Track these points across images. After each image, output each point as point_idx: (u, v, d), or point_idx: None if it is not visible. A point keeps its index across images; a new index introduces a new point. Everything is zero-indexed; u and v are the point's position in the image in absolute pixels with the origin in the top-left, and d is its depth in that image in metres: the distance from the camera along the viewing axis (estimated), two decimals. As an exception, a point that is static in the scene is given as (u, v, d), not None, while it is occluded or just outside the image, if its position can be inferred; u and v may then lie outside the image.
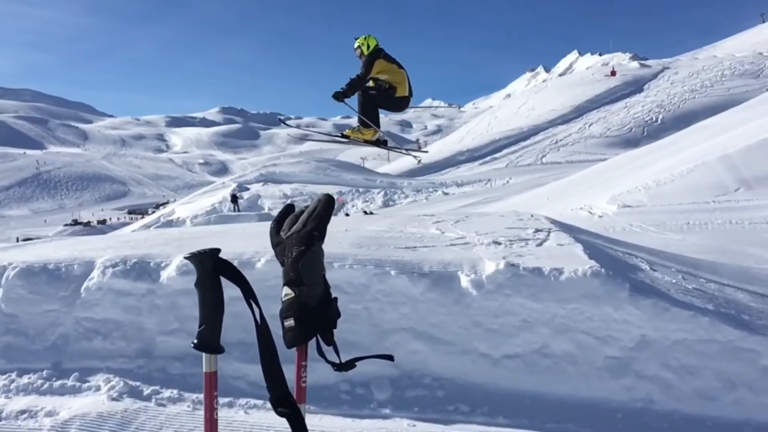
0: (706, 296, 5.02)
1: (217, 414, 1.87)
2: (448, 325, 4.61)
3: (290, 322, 1.71)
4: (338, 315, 1.80)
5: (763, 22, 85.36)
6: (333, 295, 1.86)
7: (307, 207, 1.77)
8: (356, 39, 8.36)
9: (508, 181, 47.09)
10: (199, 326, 1.73)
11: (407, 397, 4.37)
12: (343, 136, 8.40)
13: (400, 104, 8.17)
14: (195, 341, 1.77)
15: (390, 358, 1.83)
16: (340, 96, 7.76)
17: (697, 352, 4.14)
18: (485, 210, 23.08)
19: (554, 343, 4.39)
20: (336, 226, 7.86)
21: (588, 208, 18.14)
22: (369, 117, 8.01)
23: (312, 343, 1.87)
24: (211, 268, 1.70)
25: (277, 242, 1.77)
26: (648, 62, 79.95)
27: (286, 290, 1.75)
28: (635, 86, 74.43)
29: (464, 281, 4.68)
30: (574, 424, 4.05)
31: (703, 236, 13.86)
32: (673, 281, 5.32)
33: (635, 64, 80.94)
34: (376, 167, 77.32)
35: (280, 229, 1.77)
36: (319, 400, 4.36)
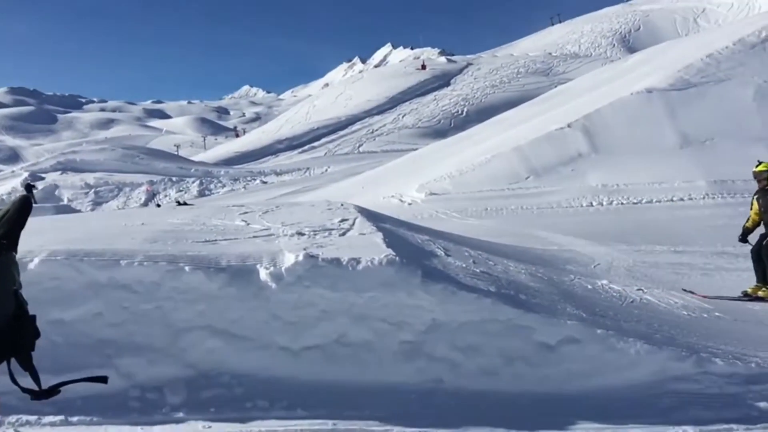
0: (491, 278, 5.42)
1: None
2: (246, 320, 4.49)
3: (-29, 346, 1.46)
4: (37, 335, 1.58)
5: (552, 25, 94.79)
6: (31, 313, 1.63)
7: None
8: (760, 163, 8.05)
9: (326, 170, 47.53)
10: None
11: (203, 398, 4.19)
12: (756, 297, 7.57)
13: None
14: None
15: (103, 380, 1.65)
16: None
17: (481, 332, 4.44)
18: (303, 199, 23.10)
19: (352, 332, 4.46)
20: (132, 219, 7.34)
21: (399, 195, 18.89)
22: None
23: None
24: None
25: None
26: (454, 58, 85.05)
27: (-33, 308, 1.49)
28: (443, 80, 78.83)
29: (263, 274, 4.58)
30: (370, 410, 4.15)
31: (499, 221, 15.09)
32: (464, 265, 5.67)
33: (443, 59, 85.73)
34: (191, 155, 74.01)
35: (-37, 237, 1.52)
36: (104, 409, 4.02)
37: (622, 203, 15.20)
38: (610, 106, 19.44)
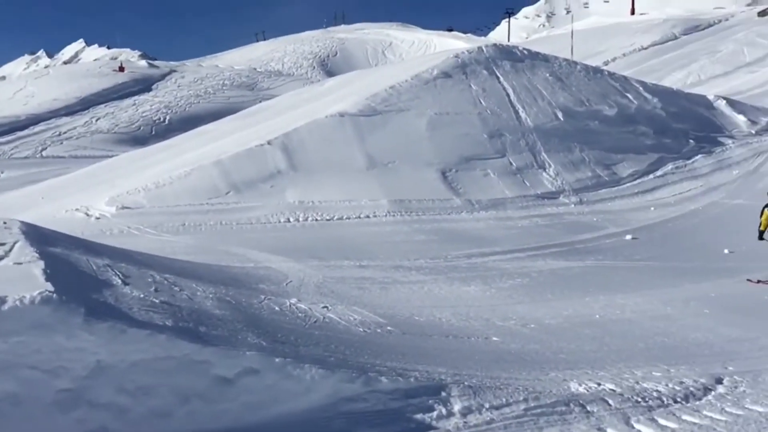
0: (171, 309, 5.12)
1: None
2: None
3: None
4: None
5: (258, 41, 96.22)
6: None
7: None
8: None
9: (0, 175, 41.23)
10: None
11: None
12: None
13: None
14: None
15: None
16: None
17: (153, 371, 4.13)
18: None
19: (-7, 385, 3.79)
20: None
21: (85, 209, 17.15)
22: None
23: None
24: None
25: None
26: (156, 63, 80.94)
27: None
28: (144, 84, 74.17)
29: None
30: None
31: (197, 237, 14.65)
32: (142, 296, 5.27)
33: (144, 62, 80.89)
34: None
35: None
36: None
37: (316, 220, 15.97)
38: (306, 127, 20.35)
